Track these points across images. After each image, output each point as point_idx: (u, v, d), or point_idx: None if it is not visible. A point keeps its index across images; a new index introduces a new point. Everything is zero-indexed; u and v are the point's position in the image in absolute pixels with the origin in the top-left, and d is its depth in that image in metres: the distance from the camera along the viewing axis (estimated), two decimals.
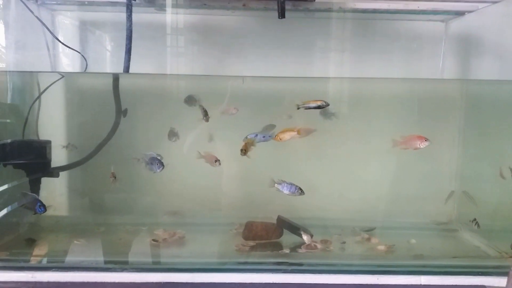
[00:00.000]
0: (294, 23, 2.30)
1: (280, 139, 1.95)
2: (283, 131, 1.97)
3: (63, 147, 2.13)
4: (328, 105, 1.96)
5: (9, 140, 1.94)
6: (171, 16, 2.18)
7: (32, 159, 1.95)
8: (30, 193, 1.84)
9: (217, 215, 2.21)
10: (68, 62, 2.34)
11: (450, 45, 2.41)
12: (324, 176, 2.26)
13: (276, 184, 1.90)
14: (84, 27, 2.38)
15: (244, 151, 1.90)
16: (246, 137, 1.95)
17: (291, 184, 1.88)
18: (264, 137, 1.98)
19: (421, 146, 1.93)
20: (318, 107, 1.96)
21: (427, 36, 2.42)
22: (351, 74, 2.29)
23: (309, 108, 1.94)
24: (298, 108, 1.96)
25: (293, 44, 2.38)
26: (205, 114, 2.00)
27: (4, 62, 2.12)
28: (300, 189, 1.88)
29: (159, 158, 1.87)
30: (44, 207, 1.76)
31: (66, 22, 2.38)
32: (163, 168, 1.88)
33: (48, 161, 1.98)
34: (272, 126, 2.03)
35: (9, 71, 2.09)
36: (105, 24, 2.39)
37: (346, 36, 2.24)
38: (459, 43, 2.41)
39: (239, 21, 2.38)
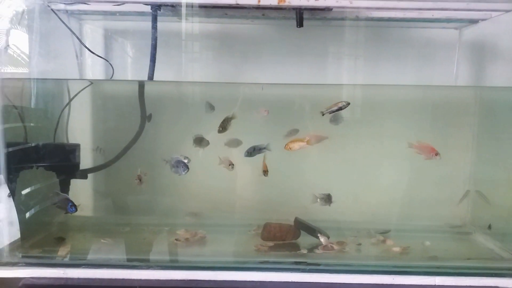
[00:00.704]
0: (310, 31, 2.37)
1: (290, 149, 2.03)
2: (292, 141, 2.05)
3: (94, 150, 2.23)
4: (349, 104, 2.03)
5: (41, 144, 2.05)
6: (193, 25, 2.26)
7: (62, 161, 2.05)
8: (61, 193, 1.94)
9: (236, 217, 2.28)
10: (94, 69, 2.45)
11: (463, 52, 2.46)
12: (339, 180, 2.32)
13: (318, 199, 2.00)
14: (109, 35, 2.49)
15: (266, 171, 2.03)
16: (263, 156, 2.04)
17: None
18: (260, 149, 2.06)
19: (432, 158, 1.99)
20: (340, 109, 2.03)
21: (441, 43, 2.48)
22: (366, 80, 2.36)
23: (333, 111, 2.01)
24: (323, 115, 2.03)
25: (310, 51, 2.46)
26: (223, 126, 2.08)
27: (35, 69, 2.23)
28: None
29: (185, 161, 1.96)
30: (75, 207, 1.86)
31: (93, 30, 2.48)
32: (188, 171, 1.97)
33: (77, 163, 2.08)
34: (296, 131, 2.10)
35: (40, 79, 2.20)
36: (128, 32, 2.49)
37: (361, 43, 2.32)
38: (473, 50, 2.46)
39: (258, 29, 2.47)
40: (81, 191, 2.22)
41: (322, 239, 2.01)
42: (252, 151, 2.09)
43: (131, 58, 2.51)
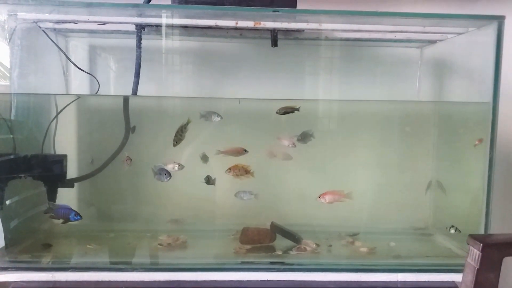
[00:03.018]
0: (285, 49, 2.54)
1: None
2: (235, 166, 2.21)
3: (90, 162, 2.34)
4: (299, 108, 2.24)
5: (29, 154, 2.15)
6: (175, 43, 2.41)
7: (50, 171, 2.16)
8: (61, 204, 2.04)
9: (216, 223, 2.42)
10: (80, 84, 2.57)
11: (425, 69, 2.68)
12: (313, 188, 2.47)
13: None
14: (94, 51, 2.62)
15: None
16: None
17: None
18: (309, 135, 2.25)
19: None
20: (292, 111, 2.23)
21: (405, 60, 2.70)
22: (338, 95, 2.53)
23: (286, 112, 2.22)
24: (277, 113, 2.23)
25: (284, 68, 2.64)
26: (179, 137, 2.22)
27: (24, 85, 2.33)
28: None
29: (167, 169, 2.11)
30: (79, 215, 1.95)
31: (78, 47, 2.60)
32: (170, 178, 2.11)
33: (64, 173, 2.19)
34: (309, 132, 2.29)
35: (29, 94, 2.30)
36: (113, 48, 2.61)
37: (333, 61, 2.49)
38: (433, 68, 2.68)
39: (235, 48, 2.65)
40: (67, 200, 2.30)
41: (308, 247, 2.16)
42: (304, 137, 2.28)
43: (115, 73, 2.63)
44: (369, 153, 2.53)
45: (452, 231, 2.20)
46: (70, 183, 2.22)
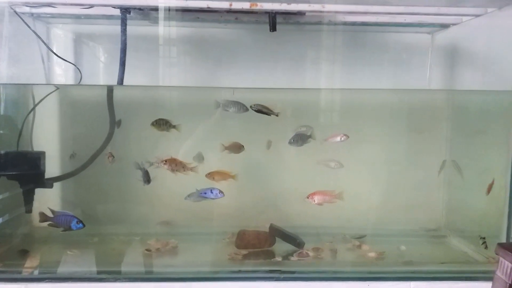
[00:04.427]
0: (285, 35, 2.35)
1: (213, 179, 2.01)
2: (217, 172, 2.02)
3: (70, 156, 2.15)
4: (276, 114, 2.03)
5: (2, 152, 1.95)
6: (165, 29, 2.21)
7: (26, 170, 1.96)
8: (60, 211, 1.85)
9: (210, 225, 2.23)
10: (62, 74, 2.37)
11: (436, 56, 2.48)
12: (315, 185, 2.28)
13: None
14: (79, 40, 2.42)
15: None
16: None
17: None
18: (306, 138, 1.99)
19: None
20: (267, 111, 2.03)
21: (415, 47, 2.50)
22: (342, 85, 2.34)
23: (261, 112, 2.01)
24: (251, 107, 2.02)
25: (284, 56, 2.43)
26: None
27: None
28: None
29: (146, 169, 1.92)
30: (82, 223, 1.76)
31: (61, 34, 2.41)
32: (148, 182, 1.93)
33: (41, 172, 1.99)
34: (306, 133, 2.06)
35: (3, 84, 2.11)
36: (99, 37, 2.42)
37: (336, 47, 2.29)
38: (445, 54, 2.48)
39: (231, 34, 2.43)
40: (47, 201, 2.11)
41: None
42: (299, 140, 2.03)
43: (103, 63, 2.44)
44: (375, 147, 2.34)
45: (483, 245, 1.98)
46: (48, 183, 2.01)
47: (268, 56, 2.44)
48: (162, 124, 2.03)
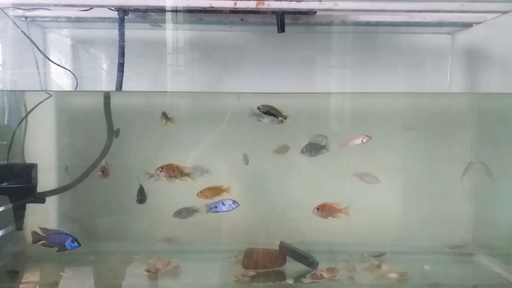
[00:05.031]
0: (295, 37, 2.22)
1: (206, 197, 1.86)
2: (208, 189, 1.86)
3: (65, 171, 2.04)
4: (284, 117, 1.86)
5: None
6: (167, 33, 2.09)
7: (16, 183, 1.82)
8: (54, 229, 1.70)
9: (215, 242, 2.07)
10: (60, 81, 2.25)
11: (457, 58, 2.32)
12: (328, 198, 2.12)
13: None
14: (77, 45, 2.30)
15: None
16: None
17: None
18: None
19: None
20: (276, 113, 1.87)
21: (433, 49, 2.34)
22: (354, 89, 2.20)
23: (269, 113, 1.85)
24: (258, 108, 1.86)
25: (293, 59, 2.28)
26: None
27: None
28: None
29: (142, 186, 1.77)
30: (77, 242, 1.62)
31: (58, 40, 2.31)
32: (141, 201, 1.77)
33: (33, 186, 1.85)
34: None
35: None
36: (98, 42, 2.31)
37: (349, 50, 2.17)
38: (467, 56, 2.32)
39: (237, 37, 2.29)
40: (41, 216, 1.98)
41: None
42: (312, 150, 1.86)
43: (104, 70, 2.31)
44: (394, 155, 2.18)
45: None
46: (41, 198, 1.87)
47: (276, 59, 2.29)
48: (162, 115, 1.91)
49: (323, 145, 1.90)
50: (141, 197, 1.82)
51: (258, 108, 1.85)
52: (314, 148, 1.88)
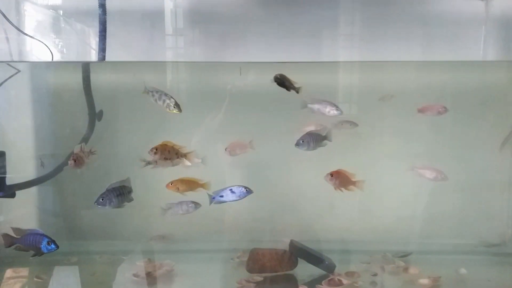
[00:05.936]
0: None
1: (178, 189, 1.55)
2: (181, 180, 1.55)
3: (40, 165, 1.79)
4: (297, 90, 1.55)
5: None
6: None
7: None
8: (28, 229, 1.42)
9: (215, 240, 1.84)
10: (34, 54, 1.98)
11: (491, 27, 2.03)
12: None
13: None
14: (58, 16, 2.03)
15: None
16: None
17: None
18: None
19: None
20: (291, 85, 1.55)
21: (465, 17, 2.05)
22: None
23: (284, 85, 1.52)
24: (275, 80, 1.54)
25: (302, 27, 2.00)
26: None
27: None
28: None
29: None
30: (55, 243, 1.38)
31: (34, 9, 2.03)
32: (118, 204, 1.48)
33: (1, 178, 1.58)
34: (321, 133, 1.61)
35: None
36: (84, 13, 2.02)
37: (369, 18, 1.94)
38: (503, 24, 2.05)
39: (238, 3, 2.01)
40: (14, 211, 1.73)
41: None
42: (310, 141, 1.53)
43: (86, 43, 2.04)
44: (420, 139, 1.93)
45: None
46: (10, 192, 1.60)
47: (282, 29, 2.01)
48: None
49: (324, 135, 1.58)
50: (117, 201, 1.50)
51: (274, 77, 1.52)
52: (313, 140, 1.55)
